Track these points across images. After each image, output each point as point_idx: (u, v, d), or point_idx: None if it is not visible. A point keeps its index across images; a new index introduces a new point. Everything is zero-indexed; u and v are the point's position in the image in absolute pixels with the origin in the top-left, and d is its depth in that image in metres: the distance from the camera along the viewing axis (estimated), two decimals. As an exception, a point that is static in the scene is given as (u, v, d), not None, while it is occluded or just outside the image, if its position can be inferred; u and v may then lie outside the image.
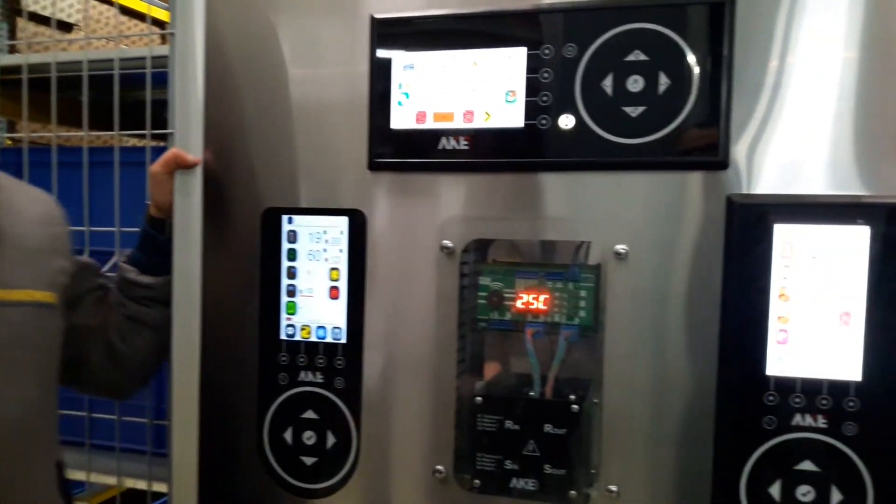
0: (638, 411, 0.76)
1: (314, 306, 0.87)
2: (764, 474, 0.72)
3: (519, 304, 0.81)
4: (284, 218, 0.88)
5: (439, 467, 0.82)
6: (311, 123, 0.86)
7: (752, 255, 0.72)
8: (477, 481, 0.81)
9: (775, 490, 0.72)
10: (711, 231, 0.74)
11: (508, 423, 0.80)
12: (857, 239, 0.69)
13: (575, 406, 0.78)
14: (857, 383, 0.69)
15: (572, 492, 0.79)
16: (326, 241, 0.87)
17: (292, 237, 0.88)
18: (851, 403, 0.69)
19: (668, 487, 0.76)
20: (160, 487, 1.21)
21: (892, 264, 0.68)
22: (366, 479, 0.86)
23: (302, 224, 0.88)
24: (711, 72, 0.74)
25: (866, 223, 0.69)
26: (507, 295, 0.82)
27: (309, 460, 0.88)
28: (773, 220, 0.72)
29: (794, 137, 0.72)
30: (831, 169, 0.71)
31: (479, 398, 0.81)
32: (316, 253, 0.87)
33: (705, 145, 0.74)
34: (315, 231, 0.87)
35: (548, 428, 0.79)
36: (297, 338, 0.88)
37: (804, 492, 0.71)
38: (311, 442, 0.88)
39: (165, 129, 0.95)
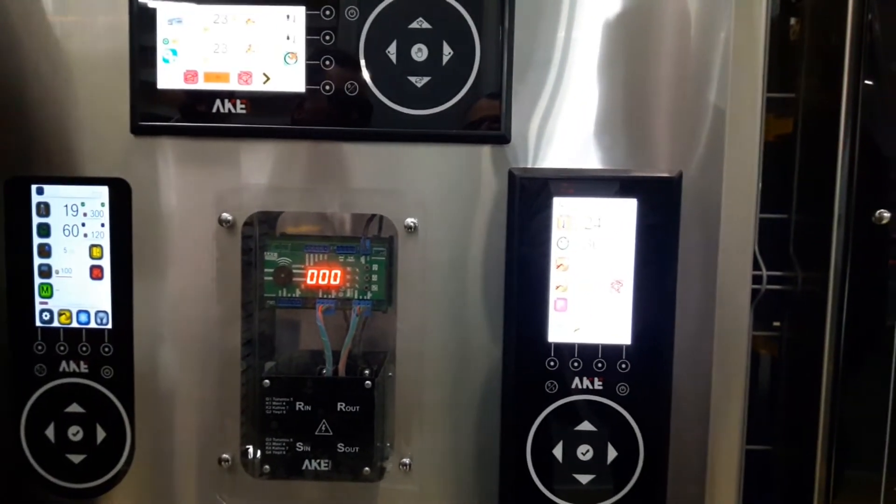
0: (429, 383, 0.77)
1: (74, 288, 0.78)
2: (548, 436, 0.76)
3: (309, 280, 0.78)
4: (33, 188, 0.77)
5: (225, 455, 0.78)
6: (66, 79, 0.76)
7: (532, 227, 0.74)
8: (267, 467, 0.78)
9: (558, 451, 0.76)
10: (498, 204, 0.75)
11: (299, 405, 0.77)
12: (626, 211, 0.74)
13: (368, 382, 0.77)
14: (627, 346, 0.75)
15: (366, 468, 0.78)
16: (85, 215, 0.78)
17: (43, 210, 0.78)
18: (623, 366, 0.75)
19: (458, 456, 0.78)
20: None
21: (655, 234, 0.74)
22: (143, 474, 0.79)
23: (55, 195, 0.77)
24: (492, 44, 0.74)
25: (634, 196, 0.74)
26: (295, 271, 0.78)
27: (77, 458, 0.79)
28: (551, 194, 0.74)
29: (574, 112, 0.75)
30: (605, 144, 0.75)
31: (266, 381, 0.77)
32: (73, 228, 0.78)
33: (488, 119, 0.74)
34: (71, 203, 0.77)
35: (341, 406, 0.77)
36: (56, 324, 0.78)
37: (584, 451, 0.76)
38: (77, 438, 0.79)
39: None
